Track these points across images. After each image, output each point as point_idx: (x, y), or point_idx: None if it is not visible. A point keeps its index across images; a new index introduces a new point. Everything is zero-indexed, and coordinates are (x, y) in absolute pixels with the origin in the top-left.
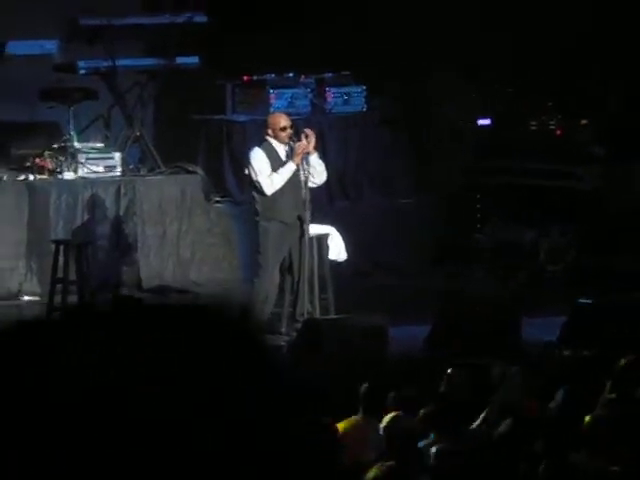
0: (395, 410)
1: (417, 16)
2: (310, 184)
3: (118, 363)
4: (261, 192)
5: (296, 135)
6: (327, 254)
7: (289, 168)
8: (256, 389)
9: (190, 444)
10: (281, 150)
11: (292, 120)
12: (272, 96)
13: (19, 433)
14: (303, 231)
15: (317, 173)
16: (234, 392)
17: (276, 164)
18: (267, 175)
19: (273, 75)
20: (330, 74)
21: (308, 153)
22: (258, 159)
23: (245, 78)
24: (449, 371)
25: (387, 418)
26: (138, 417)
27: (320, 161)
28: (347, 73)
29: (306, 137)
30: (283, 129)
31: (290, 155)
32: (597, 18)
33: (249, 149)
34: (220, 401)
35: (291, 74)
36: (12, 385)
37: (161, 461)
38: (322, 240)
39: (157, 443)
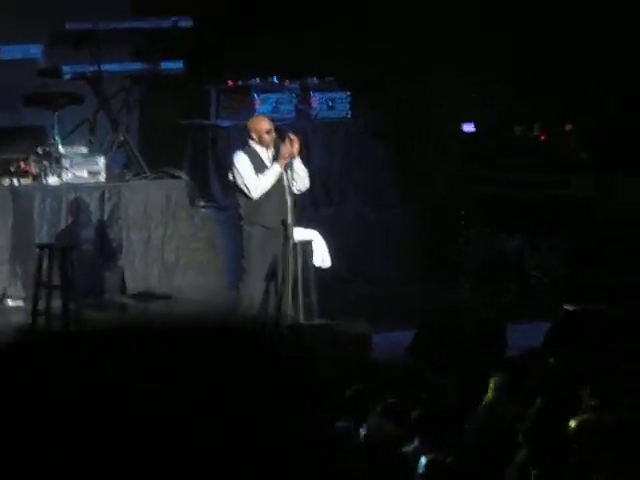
0: (379, 417)
1: (403, 22)
2: (294, 190)
3: (118, 361)
4: (247, 196)
5: (280, 138)
6: (311, 259)
7: (275, 170)
8: (256, 387)
9: (190, 441)
10: (264, 154)
11: (275, 124)
12: (257, 101)
13: (23, 432)
14: (287, 236)
15: (300, 179)
16: (234, 390)
17: (260, 168)
18: (253, 178)
19: (258, 80)
20: (315, 79)
21: (292, 158)
22: (242, 162)
23: (230, 83)
24: (430, 377)
25: (368, 425)
26: (138, 414)
27: (303, 167)
28: (332, 79)
29: (290, 141)
30: (268, 132)
31: (274, 159)
32: (593, 18)
33: (232, 154)
34: (220, 399)
35: (275, 79)
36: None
37: (161, 458)
38: (306, 245)
39: (158, 440)
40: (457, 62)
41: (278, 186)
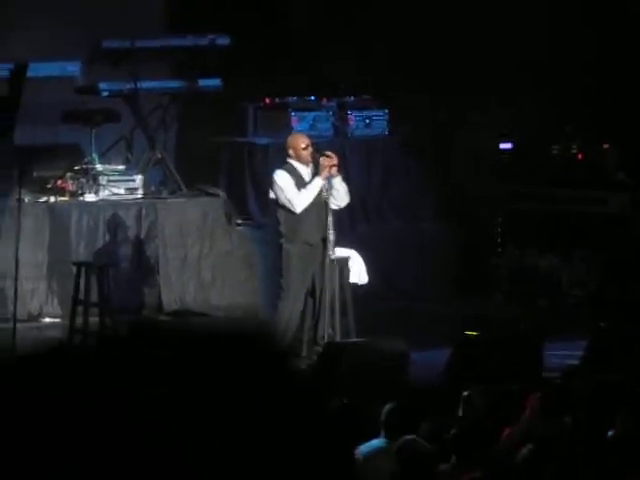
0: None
1: (441, 41)
2: (333, 206)
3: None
4: (288, 212)
5: (317, 154)
6: (348, 277)
7: (317, 184)
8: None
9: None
10: (303, 170)
11: (312, 140)
12: (294, 119)
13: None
14: (325, 254)
15: (340, 195)
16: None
17: (300, 184)
18: (296, 192)
19: (295, 98)
20: (352, 97)
21: (331, 176)
22: (284, 178)
23: (267, 101)
24: (465, 394)
25: (400, 442)
26: (151, 417)
27: (343, 183)
28: (369, 97)
29: (328, 156)
30: (305, 148)
31: (314, 174)
32: (617, 41)
33: (272, 171)
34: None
35: (313, 97)
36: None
37: (173, 459)
38: (343, 263)
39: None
40: (493, 80)
41: (318, 202)
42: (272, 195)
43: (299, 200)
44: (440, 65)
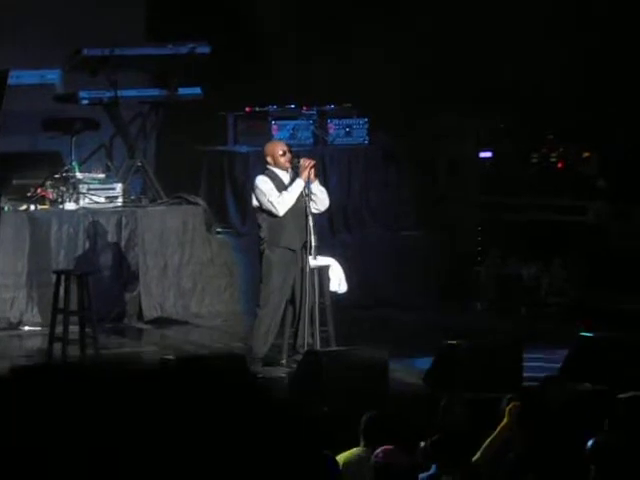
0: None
1: (420, 50)
2: (313, 210)
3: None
4: (271, 215)
5: (297, 159)
6: (328, 286)
7: (297, 185)
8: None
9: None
10: (283, 176)
11: (290, 147)
12: (274, 127)
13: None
14: (305, 261)
15: (319, 200)
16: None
17: (281, 188)
18: (277, 195)
19: (275, 106)
20: (332, 106)
21: (311, 179)
22: (264, 182)
23: (247, 109)
24: (444, 402)
25: (378, 451)
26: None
27: (322, 188)
28: (349, 105)
29: (305, 161)
30: (283, 154)
31: (293, 179)
32: (602, 49)
33: (253, 178)
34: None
35: (293, 106)
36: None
37: None
38: (323, 271)
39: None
40: (460, 96)
41: (298, 207)
42: (254, 202)
43: (282, 201)
44: (420, 74)
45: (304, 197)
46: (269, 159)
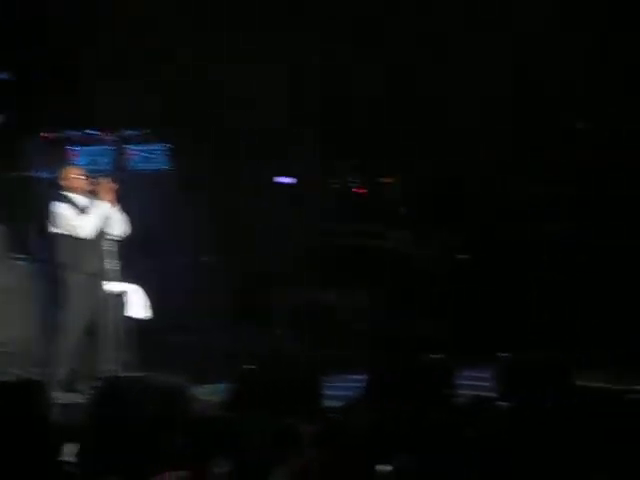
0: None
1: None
2: (113, 236)
3: None
4: (70, 241)
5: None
6: (127, 311)
7: (97, 209)
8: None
9: None
10: (82, 201)
11: (89, 173)
12: (74, 153)
13: None
14: (104, 287)
15: (118, 225)
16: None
17: (80, 214)
18: (77, 217)
19: (75, 132)
20: (132, 132)
21: (110, 201)
22: (62, 207)
23: (46, 135)
24: (241, 428)
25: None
26: None
27: (121, 213)
28: (149, 131)
29: (103, 184)
30: (76, 178)
31: (93, 204)
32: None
33: (49, 204)
34: None
35: (93, 131)
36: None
37: None
38: (122, 297)
39: None
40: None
41: (98, 232)
42: (52, 227)
43: (82, 224)
44: (212, 98)
45: (103, 222)
46: (66, 184)
